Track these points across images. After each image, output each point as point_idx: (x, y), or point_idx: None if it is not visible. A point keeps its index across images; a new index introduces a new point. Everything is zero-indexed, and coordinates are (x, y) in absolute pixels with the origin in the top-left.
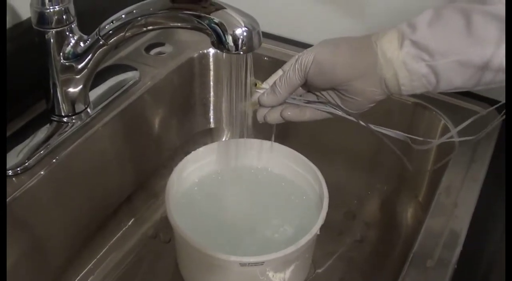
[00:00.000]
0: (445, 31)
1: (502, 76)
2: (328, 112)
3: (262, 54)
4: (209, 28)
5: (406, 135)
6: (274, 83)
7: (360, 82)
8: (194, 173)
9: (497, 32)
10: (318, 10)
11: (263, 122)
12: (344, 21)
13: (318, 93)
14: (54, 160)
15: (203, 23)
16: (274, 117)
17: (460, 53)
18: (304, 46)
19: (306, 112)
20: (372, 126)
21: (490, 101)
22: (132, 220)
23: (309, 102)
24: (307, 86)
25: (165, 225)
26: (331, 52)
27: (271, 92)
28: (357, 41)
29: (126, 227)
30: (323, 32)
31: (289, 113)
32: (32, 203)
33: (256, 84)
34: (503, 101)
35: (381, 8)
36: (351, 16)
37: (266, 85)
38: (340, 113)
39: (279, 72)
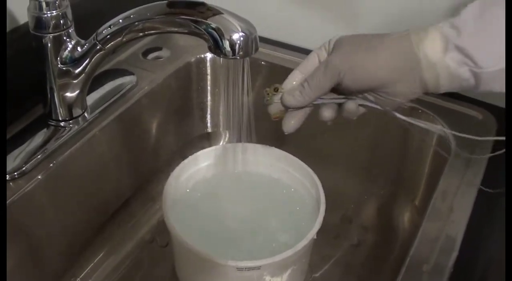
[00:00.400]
0: (490, 36)
1: None
2: (365, 105)
3: (259, 59)
4: (206, 33)
5: (453, 132)
6: (302, 85)
7: (402, 85)
8: (192, 178)
9: None
10: (313, 15)
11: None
12: (339, 26)
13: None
14: (51, 165)
15: (200, 28)
16: (329, 113)
17: (504, 59)
18: (301, 50)
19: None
20: (407, 119)
21: (486, 106)
22: (129, 224)
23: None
24: (337, 89)
25: (162, 229)
26: (370, 57)
27: (299, 94)
28: (395, 42)
29: (123, 231)
30: (319, 37)
31: (349, 106)
32: (29, 207)
33: (277, 89)
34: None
35: (375, 13)
36: (345, 21)
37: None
38: (375, 106)
39: (296, 74)
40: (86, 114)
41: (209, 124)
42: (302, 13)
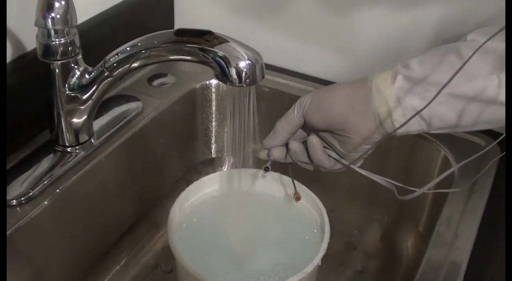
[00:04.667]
0: (437, 66)
1: (501, 113)
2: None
3: (263, 85)
4: (213, 61)
5: (393, 182)
6: (275, 124)
7: (356, 119)
8: (196, 203)
9: (488, 65)
10: (315, 43)
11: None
12: (339, 53)
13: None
14: (57, 190)
15: (207, 56)
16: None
17: (451, 86)
18: (304, 77)
19: None
20: (359, 170)
21: (490, 133)
22: (134, 250)
23: None
24: (306, 127)
25: (167, 255)
26: (329, 90)
27: (272, 133)
28: (354, 81)
29: (128, 257)
30: (321, 63)
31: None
32: (35, 233)
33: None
34: (504, 134)
35: (372, 44)
36: (345, 48)
37: None
38: (334, 154)
39: None
40: (92, 140)
41: (213, 150)
42: (305, 41)
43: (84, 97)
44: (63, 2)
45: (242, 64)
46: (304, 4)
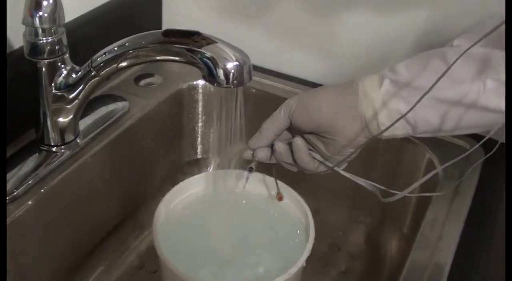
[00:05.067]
0: (423, 71)
1: (485, 118)
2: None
3: (250, 86)
4: (201, 62)
5: (376, 185)
6: (262, 125)
7: (342, 122)
8: (182, 204)
9: (472, 70)
10: (302, 45)
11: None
12: (325, 57)
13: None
14: (42, 190)
15: (195, 57)
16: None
17: (437, 90)
18: (290, 78)
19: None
20: (344, 172)
21: (474, 136)
22: (118, 250)
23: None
24: (291, 129)
25: (151, 255)
26: (316, 92)
27: (257, 133)
28: (341, 84)
29: (112, 257)
30: (307, 66)
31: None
32: (19, 232)
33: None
34: (487, 136)
35: (359, 47)
36: (331, 52)
37: None
38: (318, 157)
39: None
40: (78, 140)
41: (199, 150)
42: (291, 43)
43: (71, 96)
44: (51, 1)
45: (230, 65)
46: (291, 6)
